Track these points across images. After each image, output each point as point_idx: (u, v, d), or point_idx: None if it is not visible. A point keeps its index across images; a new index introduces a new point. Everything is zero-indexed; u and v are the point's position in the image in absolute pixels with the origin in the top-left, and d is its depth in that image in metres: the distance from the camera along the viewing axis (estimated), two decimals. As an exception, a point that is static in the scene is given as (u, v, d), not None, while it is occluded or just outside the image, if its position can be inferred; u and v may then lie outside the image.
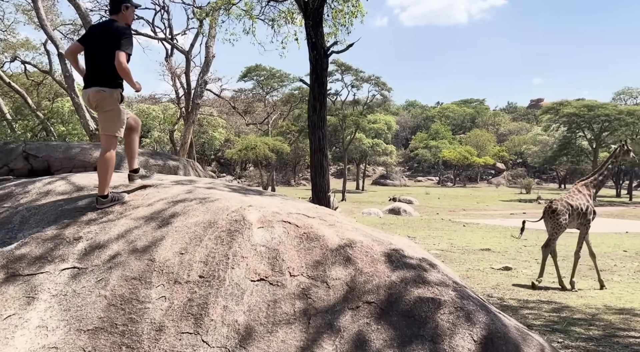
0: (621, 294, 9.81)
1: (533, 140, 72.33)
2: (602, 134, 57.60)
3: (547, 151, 65.75)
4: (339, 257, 3.27)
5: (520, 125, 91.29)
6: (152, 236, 3.57)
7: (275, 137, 55.38)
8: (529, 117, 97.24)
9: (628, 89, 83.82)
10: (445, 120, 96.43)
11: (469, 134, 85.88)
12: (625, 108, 60.48)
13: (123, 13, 4.61)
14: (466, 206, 46.48)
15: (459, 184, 79.52)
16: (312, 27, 7.98)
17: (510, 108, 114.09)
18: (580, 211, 10.24)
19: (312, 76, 8.22)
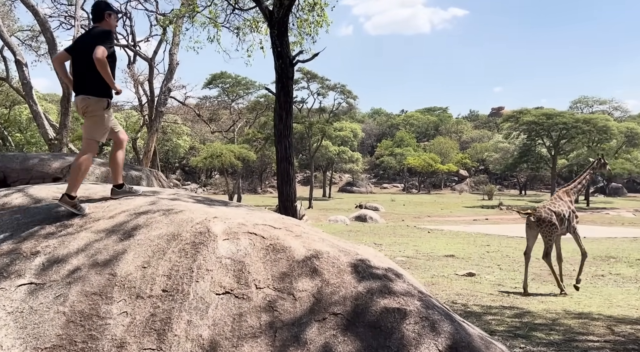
0: (580, 299, 10.06)
1: (494, 148, 73.94)
2: (560, 142, 59.32)
3: (508, 158, 67.30)
4: (305, 268, 3.25)
5: (482, 133, 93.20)
6: (113, 250, 3.48)
7: (241, 145, 55.07)
8: (490, 125, 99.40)
9: (584, 98, 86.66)
10: (409, 128, 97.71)
11: (433, 142, 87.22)
12: (581, 116, 62.48)
13: (107, 20, 4.74)
14: (431, 213, 47.10)
15: (423, 190, 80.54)
16: (278, 36, 7.98)
17: (472, 116, 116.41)
18: (563, 217, 10.52)
19: (278, 85, 8.21)
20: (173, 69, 20.55)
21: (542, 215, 10.26)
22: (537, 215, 10.28)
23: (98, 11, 4.75)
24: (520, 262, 15.32)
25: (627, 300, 9.93)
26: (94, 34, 4.56)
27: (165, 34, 21.02)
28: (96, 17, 4.75)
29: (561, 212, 10.45)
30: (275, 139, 8.45)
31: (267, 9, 8.22)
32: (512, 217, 44.28)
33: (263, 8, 8.23)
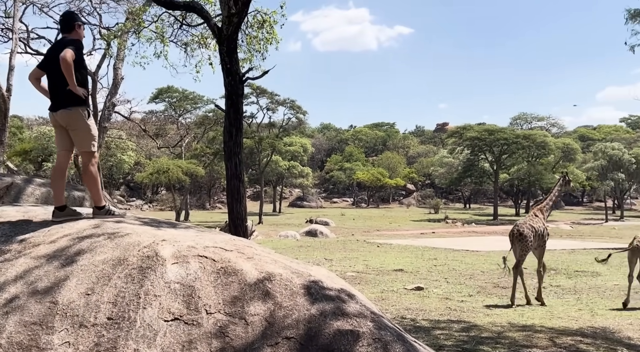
0: (523, 311, 10.37)
1: (440, 163, 75.83)
2: (502, 157, 61.51)
3: (453, 173, 69.12)
4: (257, 291, 3.20)
5: (428, 148, 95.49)
6: (55, 276, 3.31)
7: (189, 160, 54.18)
8: (436, 141, 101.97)
9: (523, 115, 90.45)
10: (358, 143, 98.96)
11: (381, 157, 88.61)
12: (521, 132, 65.10)
13: (76, 31, 4.78)
14: (380, 227, 47.68)
15: (372, 204, 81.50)
16: (227, 53, 7.92)
17: (418, 131, 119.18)
18: (540, 233, 11.25)
19: (228, 102, 8.13)
20: (118, 84, 20.04)
21: (524, 231, 10.95)
22: (521, 231, 10.98)
23: (68, 22, 4.80)
24: (466, 275, 15.71)
25: (567, 311, 10.30)
26: (64, 43, 4.58)
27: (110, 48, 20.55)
28: (66, 27, 4.79)
29: (538, 228, 11.24)
30: (225, 156, 8.34)
31: (215, 25, 8.15)
32: (457, 230, 45.39)
33: (212, 25, 8.17)
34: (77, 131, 4.62)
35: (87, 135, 4.64)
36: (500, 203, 70.73)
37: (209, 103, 62.97)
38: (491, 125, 68.56)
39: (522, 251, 11.03)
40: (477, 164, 63.12)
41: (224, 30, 7.95)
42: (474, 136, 59.35)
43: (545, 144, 60.00)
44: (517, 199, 73.31)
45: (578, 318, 9.55)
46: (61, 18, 5.00)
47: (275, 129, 62.17)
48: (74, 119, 4.60)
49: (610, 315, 9.80)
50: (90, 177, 4.71)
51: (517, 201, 73.13)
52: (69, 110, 4.56)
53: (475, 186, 73.39)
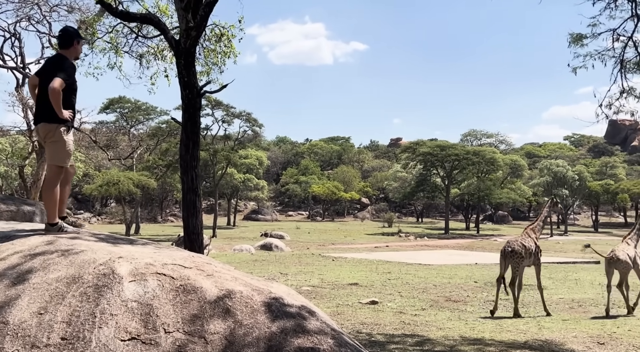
0: (474, 325, 10.59)
1: (394, 177, 77.02)
2: (453, 172, 63.00)
3: (406, 187, 70.30)
4: (217, 309, 3.17)
5: (382, 162, 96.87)
6: (4, 295, 3.18)
7: (140, 172, 53.00)
8: (390, 155, 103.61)
9: (473, 131, 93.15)
10: (314, 156, 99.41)
11: (336, 170, 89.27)
12: (471, 148, 66.95)
13: (75, 47, 4.81)
14: (335, 240, 47.85)
15: (327, 218, 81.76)
16: (185, 67, 7.85)
17: (373, 146, 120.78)
18: (531, 251, 11.91)
19: (185, 115, 8.04)
20: (69, 93, 19.44)
21: (515, 248, 11.65)
22: (512, 246, 11.68)
23: (67, 37, 4.79)
24: (419, 289, 15.95)
25: (515, 325, 10.59)
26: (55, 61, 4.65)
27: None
28: (64, 43, 4.78)
29: (530, 246, 11.90)
30: (181, 170, 8.24)
31: (173, 38, 8.08)
32: (410, 244, 46.06)
33: (169, 38, 8.09)
34: (52, 144, 4.64)
35: (62, 150, 4.64)
36: (451, 217, 72.31)
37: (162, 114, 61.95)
38: (443, 141, 70.27)
39: (515, 266, 11.66)
40: (429, 179, 64.43)
41: (181, 43, 7.89)
42: (426, 151, 60.64)
43: (494, 161, 61.86)
44: (467, 214, 75.14)
45: (526, 331, 9.83)
46: (60, 33, 4.97)
47: (231, 142, 61.72)
48: (51, 132, 4.62)
49: (556, 328, 10.13)
50: (49, 191, 4.65)
51: (467, 215, 74.95)
52: (49, 124, 4.60)
53: (427, 201, 74.82)
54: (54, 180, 4.70)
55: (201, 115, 28.72)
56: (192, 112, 8.02)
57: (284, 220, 78.94)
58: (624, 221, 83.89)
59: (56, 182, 4.69)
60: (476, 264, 24.95)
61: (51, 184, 4.70)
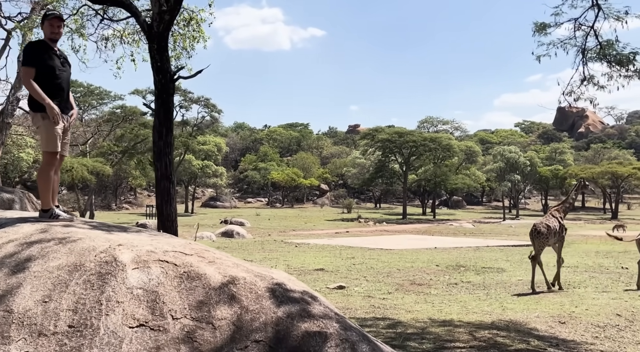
0: (441, 307, 10.91)
1: (352, 163, 77.68)
2: (411, 158, 64.03)
3: (365, 173, 71.05)
4: (223, 295, 3.20)
5: (341, 149, 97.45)
6: (6, 284, 3.12)
7: (95, 159, 51.57)
8: (348, 142, 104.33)
9: (430, 118, 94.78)
10: (273, 143, 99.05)
11: (296, 157, 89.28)
12: (428, 135, 68.13)
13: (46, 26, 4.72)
14: (295, 227, 48.01)
15: (287, 204, 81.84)
16: (157, 51, 7.73)
17: (331, 132, 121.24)
18: (555, 231, 12.76)
19: (158, 101, 7.92)
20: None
21: (540, 230, 12.54)
22: (538, 229, 12.56)
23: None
24: (383, 273, 16.26)
25: (479, 306, 10.97)
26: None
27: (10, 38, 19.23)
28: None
29: (555, 226, 12.75)
30: (155, 157, 8.14)
31: (145, 22, 7.93)
32: (370, 229, 46.71)
33: (141, 21, 7.92)
34: (38, 130, 4.67)
35: (48, 135, 4.59)
36: (408, 203, 73.61)
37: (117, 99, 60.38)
38: (401, 128, 71.21)
39: (539, 246, 12.62)
40: (388, 165, 65.29)
41: (154, 27, 7.76)
42: (385, 138, 61.37)
43: (450, 147, 63.20)
44: (423, 199, 76.65)
45: (491, 312, 10.19)
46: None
47: (189, 128, 60.75)
48: (35, 119, 4.63)
49: (519, 309, 10.55)
50: (43, 178, 4.65)
51: (423, 200, 76.47)
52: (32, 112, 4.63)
53: (385, 187, 75.84)
54: (47, 167, 4.70)
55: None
56: (166, 97, 7.92)
57: (243, 207, 78.53)
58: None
59: (49, 169, 4.69)
60: (435, 248, 25.60)
61: (44, 170, 4.71)
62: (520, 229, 48.80)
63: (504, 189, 66.94)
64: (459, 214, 70.53)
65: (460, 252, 23.90)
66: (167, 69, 7.88)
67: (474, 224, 53.84)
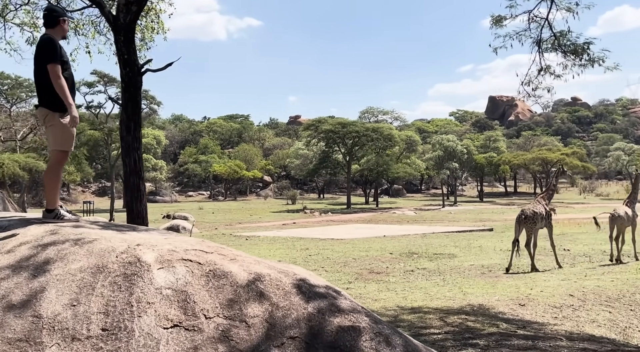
0: (404, 294, 11.17)
1: (295, 154, 77.74)
2: (354, 149, 64.81)
3: (308, 164, 71.32)
4: (251, 293, 3.19)
5: (283, 140, 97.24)
6: (28, 288, 2.99)
7: (27, 154, 49.08)
8: (290, 133, 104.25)
9: (370, 109, 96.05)
10: (213, 135, 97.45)
11: (237, 149, 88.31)
12: (370, 125, 69.14)
13: (61, 26, 4.60)
14: (241, 219, 47.61)
15: (229, 197, 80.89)
16: (124, 43, 7.48)
17: (272, 124, 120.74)
18: (542, 216, 13.52)
19: (125, 95, 7.69)
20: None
21: (527, 214, 13.24)
22: (525, 213, 13.27)
23: (53, 16, 4.56)
24: (340, 263, 16.47)
25: (441, 292, 11.33)
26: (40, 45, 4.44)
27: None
28: (49, 21, 4.55)
29: (541, 212, 13.49)
30: (123, 153, 7.90)
31: (110, 13, 7.65)
32: (316, 219, 47.03)
33: (106, 12, 7.63)
34: (51, 128, 4.49)
35: (60, 134, 4.47)
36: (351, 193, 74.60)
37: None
38: (343, 118, 71.86)
39: (529, 230, 13.35)
40: (331, 156, 65.79)
41: (120, 19, 7.51)
42: (328, 129, 61.76)
43: (391, 137, 64.43)
44: (365, 189, 77.87)
45: (453, 298, 10.55)
46: (45, 12, 4.75)
47: (127, 120, 58.76)
48: (48, 116, 4.48)
49: (479, 293, 10.98)
50: (51, 176, 4.53)
51: (366, 190, 77.69)
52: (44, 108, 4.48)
53: (329, 177, 76.45)
54: (56, 165, 4.57)
55: (93, 92, 26.82)
56: (133, 91, 7.71)
57: (184, 201, 77.01)
58: (505, 190, 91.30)
59: (59, 168, 4.58)
60: (385, 237, 26.08)
61: (55, 168, 4.57)
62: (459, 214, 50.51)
63: (443, 176, 69.02)
64: (400, 202, 72.13)
65: (409, 239, 24.46)
66: (134, 61, 7.66)
67: (416, 211, 55.25)
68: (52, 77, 4.29)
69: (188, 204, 69.87)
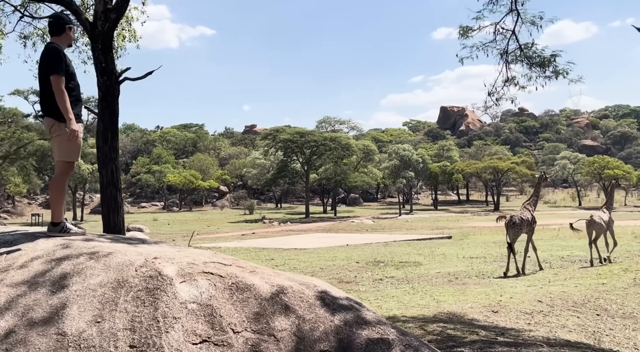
0: (378, 303, 11.22)
1: (252, 164, 77.17)
2: (312, 158, 64.94)
3: (266, 174, 70.92)
4: (277, 306, 3.14)
5: (239, 149, 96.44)
6: (49, 305, 2.85)
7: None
8: (246, 142, 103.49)
9: (327, 118, 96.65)
10: (167, 144, 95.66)
11: (192, 158, 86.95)
12: (328, 135, 69.48)
13: (67, 34, 4.54)
14: (199, 230, 46.74)
15: (184, 208, 79.45)
16: (102, 51, 7.28)
17: (228, 133, 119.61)
18: (528, 222, 14.33)
19: (102, 103, 7.47)
20: None
21: (516, 221, 14.08)
22: (514, 220, 14.08)
23: (58, 25, 4.46)
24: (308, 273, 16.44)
25: (414, 300, 11.43)
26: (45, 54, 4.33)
27: None
28: (55, 30, 4.46)
29: (527, 218, 14.31)
30: (99, 163, 7.68)
31: (87, 21, 7.43)
32: (276, 229, 46.76)
33: (83, 20, 7.42)
34: (57, 138, 4.37)
35: (66, 145, 4.34)
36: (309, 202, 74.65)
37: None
38: (301, 128, 71.88)
39: (514, 235, 14.13)
40: (290, 165, 65.67)
41: (98, 27, 7.32)
42: (287, 138, 61.65)
43: (349, 146, 64.91)
44: (323, 198, 78.09)
45: (427, 306, 10.66)
46: (50, 19, 4.65)
47: (78, 129, 56.97)
48: (54, 126, 4.36)
49: (451, 301, 11.14)
50: (57, 188, 4.39)
51: (323, 199, 77.92)
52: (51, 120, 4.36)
53: (288, 186, 76.26)
54: (62, 176, 4.42)
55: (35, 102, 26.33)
56: (111, 100, 7.51)
57: (137, 212, 75.16)
58: (457, 198, 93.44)
59: (64, 179, 4.43)
60: (348, 246, 26.19)
61: (60, 180, 4.42)
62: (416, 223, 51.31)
63: (400, 185, 69.99)
64: (357, 211, 72.70)
65: (373, 248, 24.64)
66: (112, 70, 7.48)
67: (374, 220, 55.76)
68: (55, 88, 4.17)
69: (142, 215, 68.21)
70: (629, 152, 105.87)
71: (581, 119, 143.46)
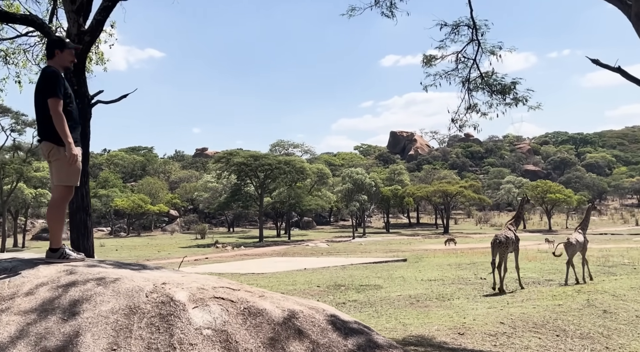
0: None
1: (204, 187, 76.11)
2: (266, 181, 64.69)
3: (218, 197, 70.01)
4: (290, 330, 3.14)
5: (190, 173, 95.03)
6: (62, 333, 2.75)
7: None
8: (197, 165, 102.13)
9: (281, 142, 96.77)
10: (114, 168, 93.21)
11: (141, 182, 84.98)
12: (282, 158, 69.55)
13: (59, 56, 4.44)
14: (148, 256, 45.51)
15: (133, 233, 77.19)
16: (74, 74, 7.14)
17: (178, 156, 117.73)
18: (512, 241, 14.72)
19: (74, 127, 7.31)
20: None
21: (501, 239, 14.46)
22: (499, 239, 14.46)
23: (48, 47, 4.50)
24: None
25: (380, 323, 11.35)
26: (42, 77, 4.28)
27: None
28: (47, 53, 4.47)
29: (512, 237, 14.73)
30: (70, 187, 7.45)
31: (59, 41, 7.29)
32: (229, 254, 46.07)
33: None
34: (57, 162, 4.27)
35: (68, 168, 4.23)
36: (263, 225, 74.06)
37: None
38: (255, 151, 71.68)
39: (501, 254, 14.47)
40: (243, 189, 65.14)
41: (71, 48, 7.18)
42: (240, 161, 61.29)
43: (303, 169, 65.13)
44: (277, 221, 77.70)
45: (394, 329, 10.69)
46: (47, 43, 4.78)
47: (22, 153, 54.81)
48: (53, 150, 4.27)
49: (417, 323, 11.22)
50: (56, 214, 4.29)
51: (277, 222, 77.51)
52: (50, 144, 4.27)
53: (241, 210, 75.48)
54: (61, 201, 4.29)
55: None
56: (83, 123, 7.32)
57: (84, 237, 72.35)
58: (408, 221, 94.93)
59: (63, 204, 4.30)
60: (306, 270, 26.05)
61: (59, 205, 4.29)
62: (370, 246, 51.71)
63: (353, 208, 70.53)
64: (311, 234, 72.61)
65: (331, 271, 24.58)
66: (84, 92, 7.34)
67: (328, 243, 55.84)
68: (52, 112, 4.11)
69: (88, 240, 65.74)
70: (568, 177, 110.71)
71: (523, 144, 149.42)
